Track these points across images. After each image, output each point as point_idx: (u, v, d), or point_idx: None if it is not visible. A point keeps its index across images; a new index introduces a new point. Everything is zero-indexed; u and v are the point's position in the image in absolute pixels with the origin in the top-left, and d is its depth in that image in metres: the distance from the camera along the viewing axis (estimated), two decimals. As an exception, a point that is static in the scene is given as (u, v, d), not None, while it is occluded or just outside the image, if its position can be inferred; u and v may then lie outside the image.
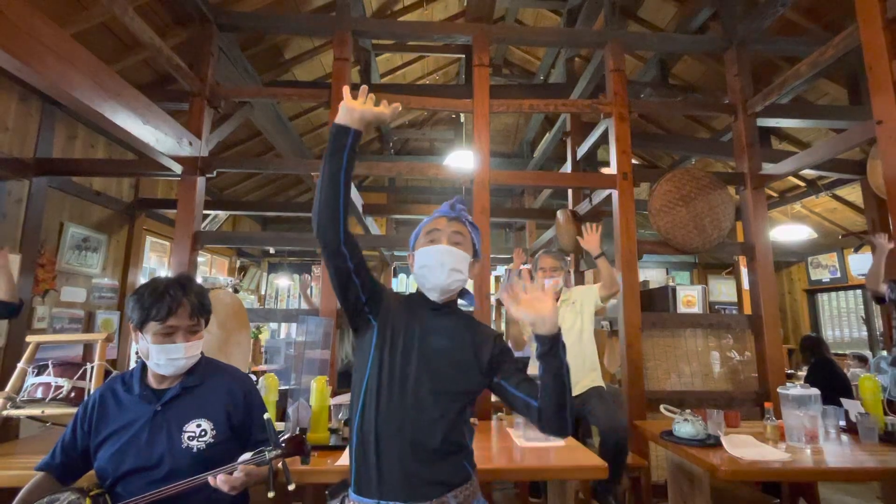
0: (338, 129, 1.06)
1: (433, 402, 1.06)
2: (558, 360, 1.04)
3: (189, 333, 1.24)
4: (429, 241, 1.16)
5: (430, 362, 1.09)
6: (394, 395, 1.06)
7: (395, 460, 1.03)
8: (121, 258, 3.62)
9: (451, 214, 1.19)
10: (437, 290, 1.15)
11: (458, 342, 1.14)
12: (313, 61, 4.29)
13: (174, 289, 1.23)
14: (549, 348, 1.04)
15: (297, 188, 6.54)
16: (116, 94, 2.09)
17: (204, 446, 1.22)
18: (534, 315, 1.04)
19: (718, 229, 2.96)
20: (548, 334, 1.04)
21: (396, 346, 1.11)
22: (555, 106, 3.13)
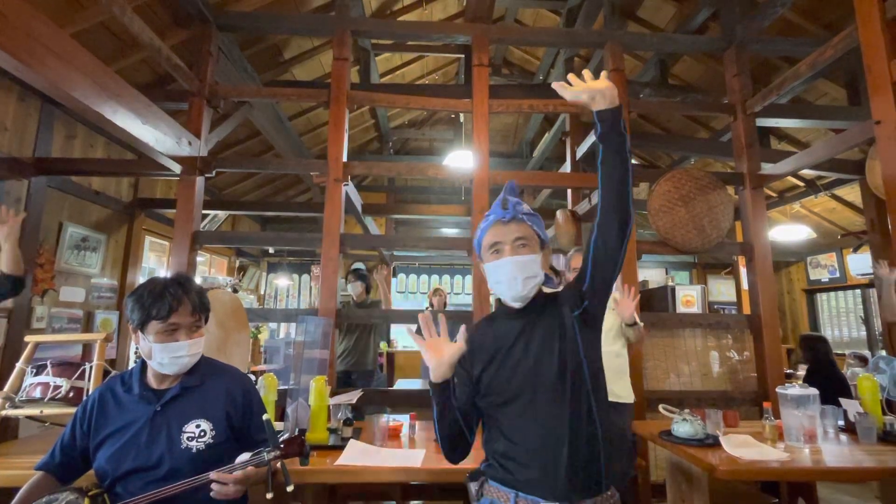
0: (439, 388, 1.07)
1: (546, 399, 1.04)
2: (621, 136, 1.02)
3: (191, 331, 1.25)
4: (493, 253, 1.15)
5: (532, 366, 1.07)
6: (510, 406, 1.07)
7: (530, 457, 1.03)
8: (120, 258, 3.61)
9: (507, 217, 1.14)
10: (518, 300, 1.15)
11: (553, 330, 1.10)
12: (313, 61, 4.28)
13: (174, 287, 1.23)
14: (613, 120, 1.02)
15: (297, 188, 6.53)
16: (116, 94, 2.09)
17: (203, 447, 1.23)
18: (589, 90, 1.01)
19: (717, 229, 2.97)
20: (609, 107, 1.01)
21: (490, 367, 1.11)
22: (554, 106, 3.13)
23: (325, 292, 2.67)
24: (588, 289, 1.10)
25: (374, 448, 1.69)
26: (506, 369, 1.09)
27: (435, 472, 1.51)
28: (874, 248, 3.52)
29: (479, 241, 1.19)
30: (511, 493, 1.04)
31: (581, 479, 1.01)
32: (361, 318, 3.39)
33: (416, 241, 3.83)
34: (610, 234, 1.05)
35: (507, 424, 1.07)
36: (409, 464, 1.52)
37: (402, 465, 1.51)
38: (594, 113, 1.03)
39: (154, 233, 4.09)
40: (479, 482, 1.14)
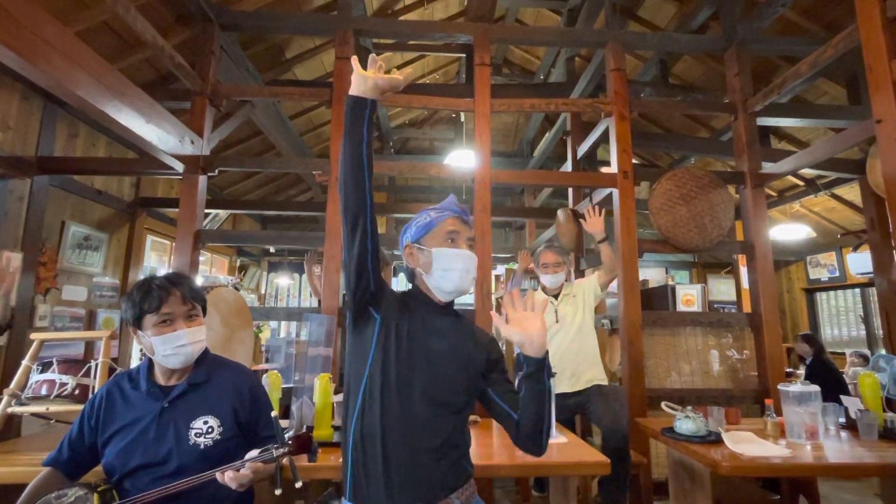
0: (354, 101, 1.03)
1: (437, 403, 1.06)
2: (542, 385, 1.04)
3: (187, 319, 1.26)
4: (449, 240, 1.15)
5: (434, 364, 1.09)
6: (399, 396, 1.05)
7: (402, 464, 1.01)
8: (122, 257, 3.62)
9: (465, 217, 1.20)
10: (455, 293, 1.16)
11: (460, 344, 1.14)
12: (314, 60, 4.29)
13: (162, 281, 1.26)
14: (535, 371, 1.03)
15: (297, 187, 6.54)
16: (120, 93, 2.09)
17: (211, 443, 1.23)
18: (522, 335, 1.03)
19: (719, 228, 2.98)
20: (535, 356, 1.03)
21: (401, 345, 1.09)
22: (555, 105, 3.14)
23: (328, 290, 2.67)
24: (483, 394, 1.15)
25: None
26: (420, 361, 1.08)
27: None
28: (874, 248, 3.53)
29: (430, 225, 1.17)
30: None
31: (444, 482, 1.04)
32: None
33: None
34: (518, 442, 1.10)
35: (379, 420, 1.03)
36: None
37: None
38: (522, 356, 1.05)
39: (155, 232, 4.09)
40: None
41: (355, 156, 1.04)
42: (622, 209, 2.92)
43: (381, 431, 1.02)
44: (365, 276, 1.09)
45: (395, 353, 1.07)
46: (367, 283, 1.10)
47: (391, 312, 1.12)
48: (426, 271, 1.16)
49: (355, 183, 1.05)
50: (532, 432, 1.05)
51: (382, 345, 1.08)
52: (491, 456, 1.65)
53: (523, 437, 1.07)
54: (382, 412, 1.04)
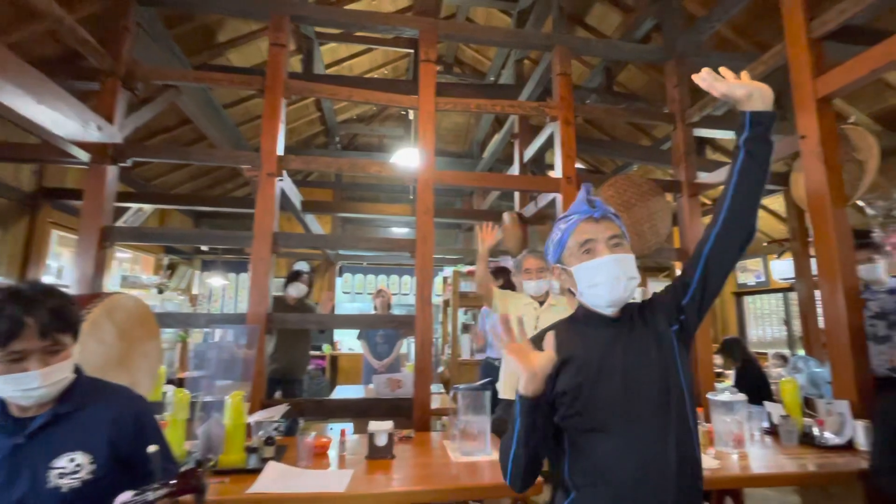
0: (530, 406, 0.91)
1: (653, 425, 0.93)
2: (770, 146, 0.96)
3: (47, 355, 1.02)
4: (584, 252, 1.02)
5: (639, 386, 0.95)
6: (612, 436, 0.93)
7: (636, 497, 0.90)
8: (18, 255, 3.20)
9: (597, 214, 1.04)
10: (618, 304, 1.03)
11: (650, 344, 1.00)
12: (250, 46, 4.01)
13: (12, 305, 0.99)
14: (766, 129, 0.96)
15: (235, 181, 6.15)
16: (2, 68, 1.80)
17: (78, 484, 1.04)
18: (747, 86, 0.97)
19: (657, 235, 3.03)
20: (765, 109, 0.96)
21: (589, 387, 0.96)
22: (501, 107, 3.08)
23: (255, 295, 2.46)
24: (690, 302, 1.01)
25: (296, 470, 1.54)
26: (600, 386, 0.96)
27: (361, 497, 1.39)
28: (795, 255, 3.74)
29: (563, 241, 1.06)
30: None
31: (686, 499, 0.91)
32: (296, 325, 3.19)
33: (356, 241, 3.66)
34: (733, 245, 0.98)
35: (601, 454, 0.93)
36: (332, 488, 1.39)
37: (324, 492, 1.37)
38: (747, 114, 0.95)
39: (65, 227, 3.67)
40: None
41: (535, 455, 0.95)
42: (565, 214, 2.90)
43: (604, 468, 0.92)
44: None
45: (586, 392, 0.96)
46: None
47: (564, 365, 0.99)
48: (580, 292, 1.06)
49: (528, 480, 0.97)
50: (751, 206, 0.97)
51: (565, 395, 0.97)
52: (430, 479, 1.53)
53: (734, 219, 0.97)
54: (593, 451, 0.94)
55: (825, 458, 1.74)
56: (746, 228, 0.98)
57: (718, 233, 0.98)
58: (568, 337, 1.02)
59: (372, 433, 1.74)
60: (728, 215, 0.98)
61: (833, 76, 2.09)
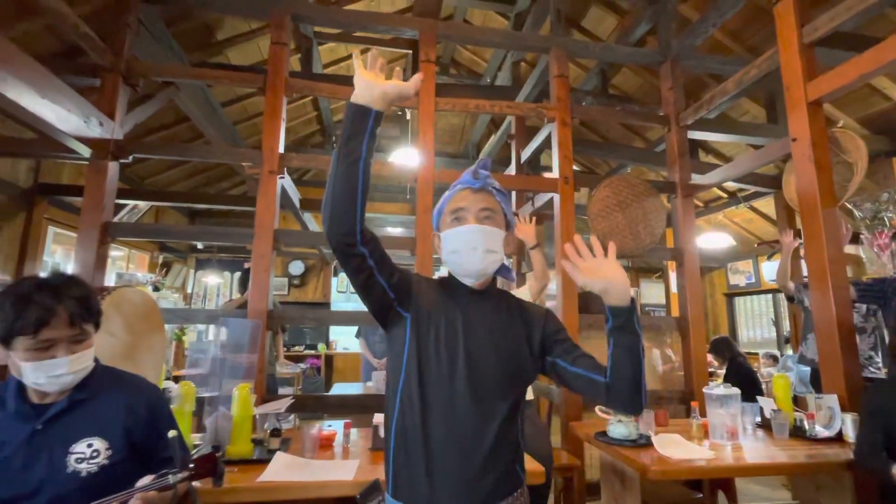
0: (356, 110, 0.89)
1: (484, 400, 0.96)
2: (634, 335, 0.93)
3: (73, 344, 1.06)
4: (454, 220, 1.04)
5: (478, 357, 0.98)
6: (440, 395, 0.95)
7: (447, 467, 0.92)
8: (14, 251, 3.18)
9: (476, 185, 1.05)
10: (473, 275, 1.03)
11: (506, 329, 1.03)
12: (250, 45, 4.02)
13: (42, 294, 1.02)
14: (625, 320, 0.93)
15: (230, 180, 6.14)
16: (4, 60, 1.80)
17: (96, 469, 1.06)
18: (603, 282, 0.92)
19: (651, 235, 3.09)
20: (620, 305, 0.92)
21: (438, 341, 0.99)
22: (500, 108, 3.12)
23: (256, 292, 2.48)
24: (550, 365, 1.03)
25: (302, 460, 1.57)
26: (443, 347, 0.98)
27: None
28: (785, 256, 3.82)
29: (441, 209, 1.08)
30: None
31: (494, 487, 0.94)
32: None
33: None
34: (607, 404, 1.02)
35: (424, 420, 0.95)
36: (341, 477, 1.42)
37: (332, 479, 1.40)
38: (607, 307, 0.95)
39: (60, 223, 3.65)
40: (374, 501, 1.05)
41: (351, 170, 0.89)
42: (562, 214, 2.95)
43: (423, 433, 0.94)
44: (376, 288, 0.99)
45: (433, 349, 0.98)
46: (381, 293, 1.00)
47: (422, 306, 1.02)
48: (444, 258, 1.06)
49: (344, 209, 0.90)
50: (630, 390, 0.94)
51: (416, 342, 0.99)
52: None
53: (618, 397, 0.95)
54: (424, 413, 0.95)
55: (815, 450, 1.80)
56: (631, 409, 0.97)
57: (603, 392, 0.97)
58: (435, 289, 1.06)
59: (376, 426, 1.76)
60: (611, 392, 0.96)
61: (824, 80, 2.16)
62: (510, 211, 1.09)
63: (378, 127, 0.92)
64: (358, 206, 0.91)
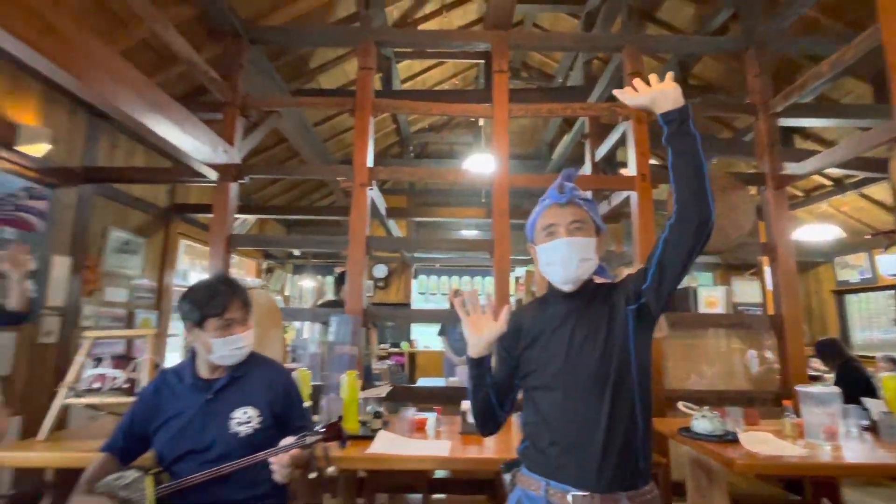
0: (475, 363, 1.15)
1: (589, 388, 1.05)
2: (690, 136, 1.00)
3: (243, 324, 1.37)
4: (547, 235, 1.14)
5: (580, 354, 1.08)
6: (553, 388, 1.08)
7: (563, 446, 1.04)
8: (157, 260, 3.81)
9: (563, 200, 1.14)
10: (571, 282, 1.13)
11: (602, 320, 1.10)
12: (337, 69, 4.43)
13: (223, 286, 1.36)
14: (679, 124, 1.00)
15: (320, 192, 6.71)
16: (158, 105, 2.24)
17: (251, 431, 1.34)
18: (650, 94, 1.03)
19: (738, 230, 2.97)
20: (674, 107, 1.00)
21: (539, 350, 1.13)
22: (572, 110, 3.18)
23: (352, 292, 2.77)
24: (648, 288, 1.07)
25: (402, 439, 1.78)
26: (548, 352, 1.11)
27: (462, 461, 1.60)
28: (904, 248, 3.45)
29: (533, 223, 1.20)
30: (542, 481, 1.06)
31: (614, 473, 1.00)
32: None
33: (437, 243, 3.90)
34: (685, 233, 1.01)
35: (545, 408, 1.09)
36: (438, 453, 1.61)
37: (431, 454, 1.60)
38: (658, 116, 1.03)
39: (188, 236, 4.28)
40: (512, 473, 1.18)
41: (485, 406, 1.17)
42: (641, 212, 2.94)
43: (543, 419, 1.09)
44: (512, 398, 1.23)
45: (534, 355, 1.14)
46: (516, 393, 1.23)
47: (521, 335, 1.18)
48: (542, 269, 1.18)
49: (491, 423, 1.20)
50: (695, 196, 0.98)
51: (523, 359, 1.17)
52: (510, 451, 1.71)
53: (686, 210, 0.99)
54: (539, 403, 1.11)
55: (930, 454, 1.68)
56: (698, 216, 0.99)
57: (672, 223, 1.03)
58: (531, 312, 1.21)
59: (464, 412, 1.94)
60: (678, 206, 1.02)
61: (933, 56, 1.99)
62: (598, 217, 1.18)
63: (491, 362, 1.18)
64: (497, 416, 1.19)
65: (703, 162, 1.00)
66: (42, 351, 2.69)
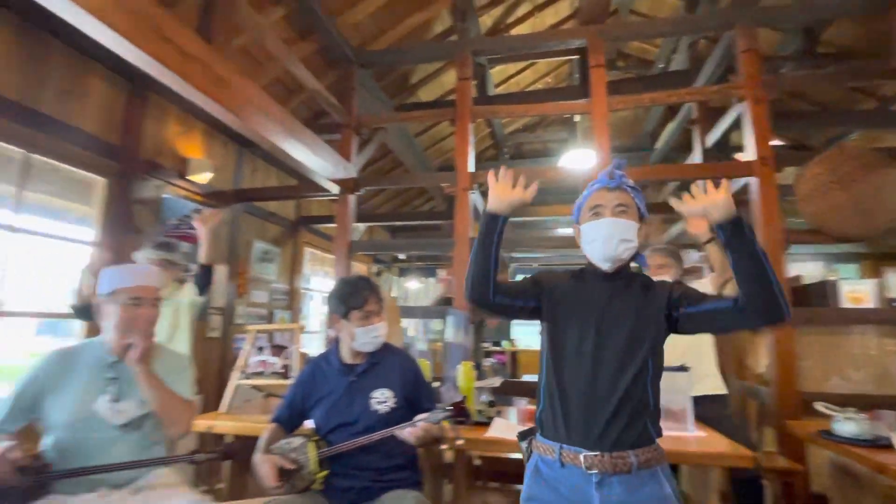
0: (490, 217, 1.19)
1: (611, 361, 1.13)
2: (748, 242, 1.03)
3: (378, 316, 1.59)
4: (593, 214, 1.21)
5: (608, 325, 1.15)
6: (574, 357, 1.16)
7: (579, 413, 1.13)
8: (288, 267, 4.36)
9: (612, 184, 1.21)
10: (609, 260, 1.19)
11: (632, 305, 1.17)
12: (434, 82, 4.69)
13: (362, 283, 1.60)
14: (732, 230, 1.04)
15: (421, 198, 7.09)
16: (294, 133, 2.61)
17: (388, 409, 1.55)
18: (702, 205, 1.07)
19: (887, 213, 2.62)
20: (725, 218, 1.04)
21: (572, 313, 1.19)
22: (678, 96, 3.05)
23: (460, 290, 2.95)
24: (683, 317, 1.14)
25: (516, 425, 1.89)
26: (579, 322, 1.17)
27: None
28: None
29: (580, 205, 1.27)
30: (556, 445, 1.14)
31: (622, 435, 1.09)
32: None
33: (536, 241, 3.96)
34: (748, 324, 1.11)
35: (568, 377, 1.15)
36: (552, 439, 1.69)
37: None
38: (713, 226, 1.08)
39: (311, 245, 4.84)
40: (528, 440, 1.25)
41: (486, 257, 1.18)
42: (762, 199, 2.73)
43: (560, 391, 1.16)
44: (520, 311, 1.26)
45: (566, 321, 1.20)
46: (525, 311, 1.26)
47: (553, 298, 1.24)
48: (583, 246, 1.26)
49: (480, 282, 1.19)
50: (761, 290, 1.02)
51: (549, 326, 1.24)
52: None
53: (753, 304, 1.04)
54: (559, 375, 1.18)
55: None
56: (766, 318, 1.04)
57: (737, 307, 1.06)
58: (565, 279, 1.27)
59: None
60: (746, 300, 1.04)
61: None
62: (643, 205, 1.24)
63: (505, 227, 1.21)
64: (490, 280, 1.19)
65: (766, 266, 1.03)
66: (210, 343, 3.26)
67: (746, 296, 1.04)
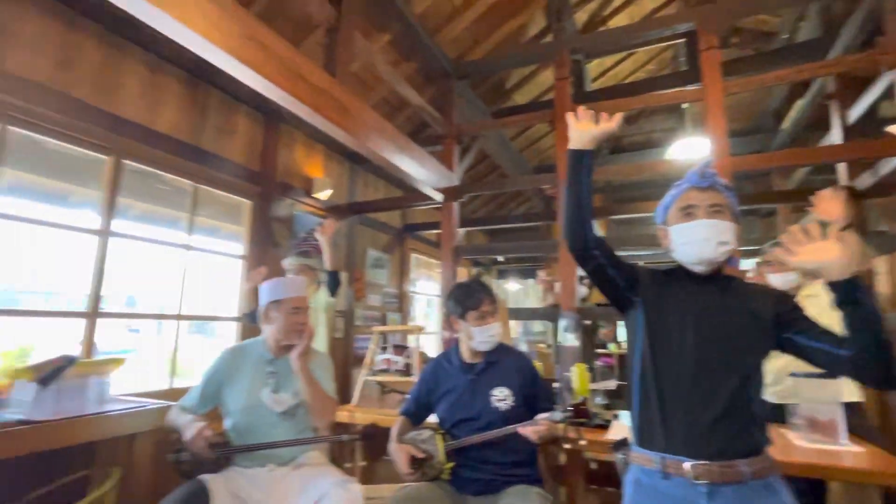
0: (574, 154, 1.17)
1: (713, 370, 1.07)
2: (861, 307, 0.97)
3: (493, 316, 1.68)
4: (685, 215, 1.15)
5: (706, 332, 1.10)
6: (672, 364, 1.10)
7: (680, 422, 1.06)
8: (397, 272, 4.66)
9: (703, 184, 1.15)
10: (706, 263, 1.14)
11: (732, 310, 1.12)
12: (529, 84, 4.70)
13: (477, 286, 1.70)
14: (846, 295, 0.97)
15: (516, 200, 7.09)
16: (403, 148, 2.82)
17: (507, 407, 1.62)
18: (816, 262, 0.99)
19: None
20: (839, 279, 0.97)
21: (669, 318, 1.14)
22: (808, 72, 2.74)
23: (566, 291, 2.94)
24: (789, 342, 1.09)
25: (637, 430, 1.85)
26: (677, 324, 1.11)
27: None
28: None
29: (667, 205, 1.20)
30: (656, 455, 1.08)
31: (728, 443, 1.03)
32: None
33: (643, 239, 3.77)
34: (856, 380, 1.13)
35: (667, 382, 1.09)
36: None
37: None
38: (827, 284, 1.00)
39: (417, 251, 5.11)
40: (623, 452, 1.18)
41: (579, 199, 1.16)
42: (927, 179, 2.35)
43: (659, 393, 1.10)
44: (609, 281, 1.21)
45: (664, 326, 1.14)
46: (614, 285, 1.21)
47: (651, 292, 1.19)
48: (673, 248, 1.19)
49: (577, 225, 1.16)
50: (875, 360, 0.97)
51: (647, 321, 1.16)
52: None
53: (864, 369, 0.99)
54: (658, 376, 1.11)
55: None
56: (875, 381, 1.01)
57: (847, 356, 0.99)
58: (658, 276, 1.21)
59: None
60: (855, 356, 0.98)
61: None
62: (737, 206, 1.17)
63: (593, 162, 1.18)
64: (587, 223, 1.16)
65: (880, 332, 0.97)
66: (336, 343, 3.61)
67: (860, 356, 0.98)
